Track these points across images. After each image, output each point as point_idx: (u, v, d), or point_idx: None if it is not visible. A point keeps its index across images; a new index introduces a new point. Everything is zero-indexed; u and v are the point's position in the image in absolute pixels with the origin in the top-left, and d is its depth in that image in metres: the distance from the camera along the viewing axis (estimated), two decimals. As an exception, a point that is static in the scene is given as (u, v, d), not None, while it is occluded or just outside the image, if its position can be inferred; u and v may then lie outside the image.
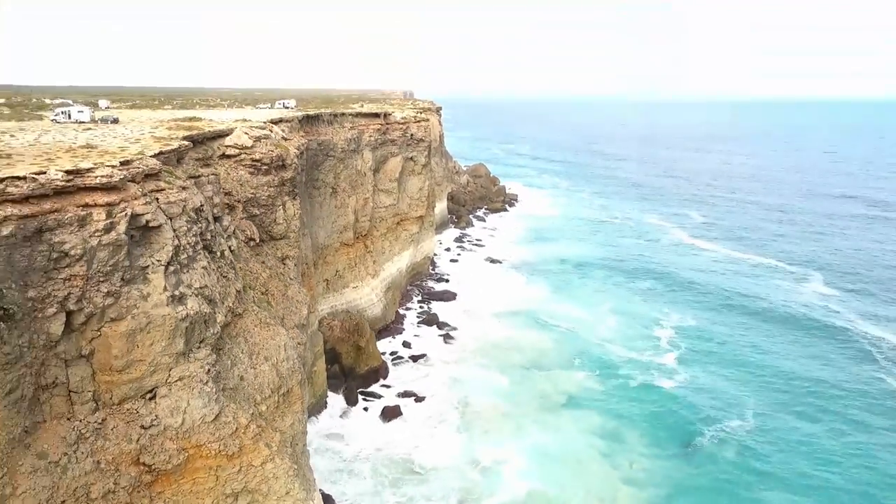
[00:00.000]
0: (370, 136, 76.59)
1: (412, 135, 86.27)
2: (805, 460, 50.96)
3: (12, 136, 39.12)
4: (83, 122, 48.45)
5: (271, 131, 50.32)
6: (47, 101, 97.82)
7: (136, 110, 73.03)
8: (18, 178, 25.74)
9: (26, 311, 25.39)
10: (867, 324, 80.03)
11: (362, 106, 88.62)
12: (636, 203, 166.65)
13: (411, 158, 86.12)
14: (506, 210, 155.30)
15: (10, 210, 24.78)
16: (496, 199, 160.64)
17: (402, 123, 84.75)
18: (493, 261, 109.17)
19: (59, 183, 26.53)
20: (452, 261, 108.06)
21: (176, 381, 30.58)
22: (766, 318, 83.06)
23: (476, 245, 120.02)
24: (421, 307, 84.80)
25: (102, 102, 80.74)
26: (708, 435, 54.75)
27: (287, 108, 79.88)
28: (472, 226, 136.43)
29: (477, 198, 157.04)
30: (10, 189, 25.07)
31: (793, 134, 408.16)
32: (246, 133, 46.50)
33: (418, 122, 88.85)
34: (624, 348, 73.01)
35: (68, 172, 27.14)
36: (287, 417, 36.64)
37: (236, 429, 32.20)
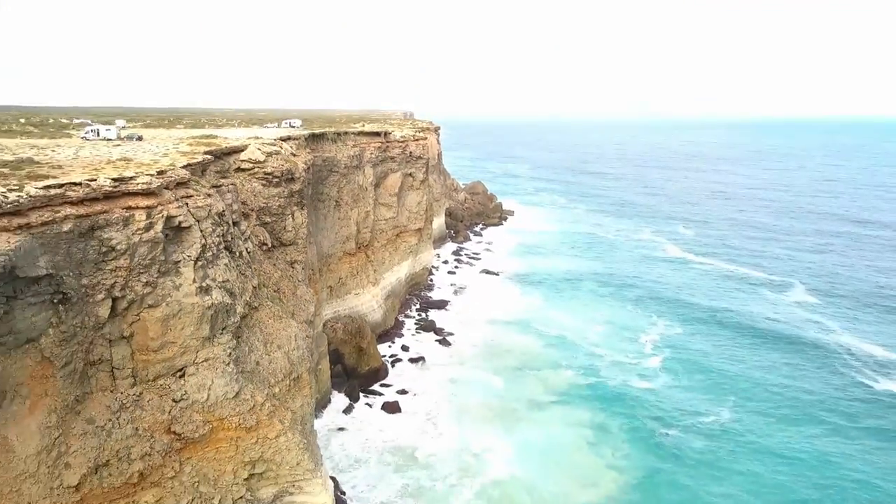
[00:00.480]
0: (371, 153, 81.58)
1: (411, 152, 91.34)
2: (771, 455, 54.84)
3: (53, 150, 43.98)
4: (110, 140, 53.38)
5: (281, 148, 55.18)
6: (63, 120, 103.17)
7: (151, 129, 78.04)
8: (75, 183, 30.46)
9: (80, 297, 29.95)
10: (844, 333, 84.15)
11: (364, 125, 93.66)
12: (629, 219, 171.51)
13: (410, 174, 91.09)
14: (502, 226, 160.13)
15: (68, 210, 29.45)
16: (493, 216, 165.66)
17: (401, 142, 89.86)
18: (489, 273, 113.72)
19: (107, 188, 31.24)
20: (450, 273, 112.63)
21: (202, 361, 35.05)
22: (747, 327, 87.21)
23: (473, 258, 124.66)
24: (419, 315, 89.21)
25: (119, 122, 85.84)
26: (684, 429, 58.81)
27: (293, 127, 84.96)
28: (470, 240, 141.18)
29: (474, 214, 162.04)
30: (68, 193, 29.74)
31: (785, 154, 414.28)
32: (259, 149, 51.38)
33: (417, 140, 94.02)
34: (610, 352, 77.25)
35: (115, 180, 31.86)
36: (297, 399, 40.99)
37: (253, 406, 36.60)
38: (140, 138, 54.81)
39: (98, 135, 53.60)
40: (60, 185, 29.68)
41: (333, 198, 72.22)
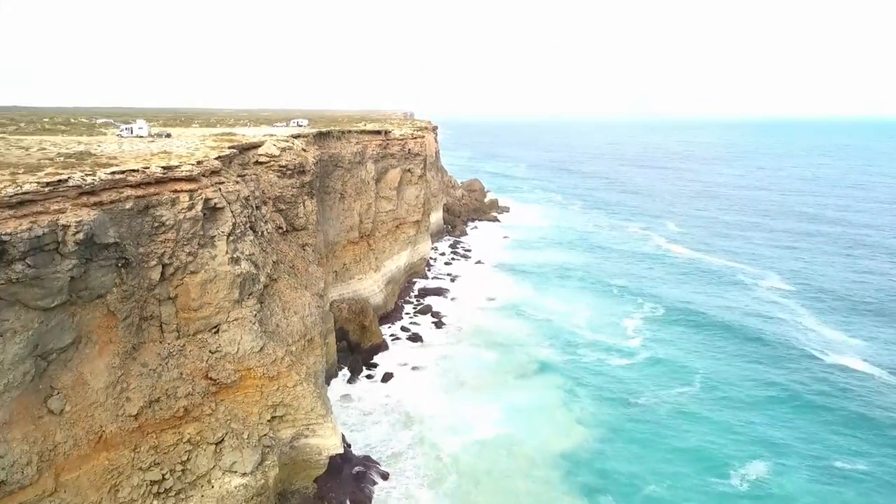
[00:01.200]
0: (373, 150, 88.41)
1: (409, 150, 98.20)
2: (730, 421, 61.44)
3: (98, 146, 50.77)
4: (143, 137, 60.22)
5: (293, 144, 62.03)
6: (83, 120, 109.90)
7: (169, 128, 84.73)
8: (133, 170, 37.33)
9: (137, 262, 36.82)
10: (810, 318, 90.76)
11: (365, 125, 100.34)
12: (621, 216, 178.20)
13: (408, 170, 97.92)
14: (498, 221, 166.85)
15: (129, 192, 36.32)
16: (489, 212, 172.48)
17: (400, 140, 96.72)
18: (483, 264, 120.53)
19: (158, 175, 38.11)
20: (447, 264, 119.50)
21: (233, 320, 41.90)
22: (723, 312, 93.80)
23: (469, 251, 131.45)
24: (417, 301, 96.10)
25: (139, 121, 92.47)
26: (651, 398, 65.57)
27: (300, 126, 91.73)
28: (466, 234, 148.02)
29: (471, 210, 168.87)
30: (128, 178, 36.62)
31: (780, 154, 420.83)
32: (274, 145, 58.23)
33: (415, 138, 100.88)
34: (592, 333, 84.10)
35: (164, 168, 38.73)
36: (311, 357, 47.86)
37: (275, 359, 43.45)
38: (169, 135, 61.68)
39: (132, 132, 60.45)
40: (122, 172, 36.56)
41: (338, 190, 79.05)
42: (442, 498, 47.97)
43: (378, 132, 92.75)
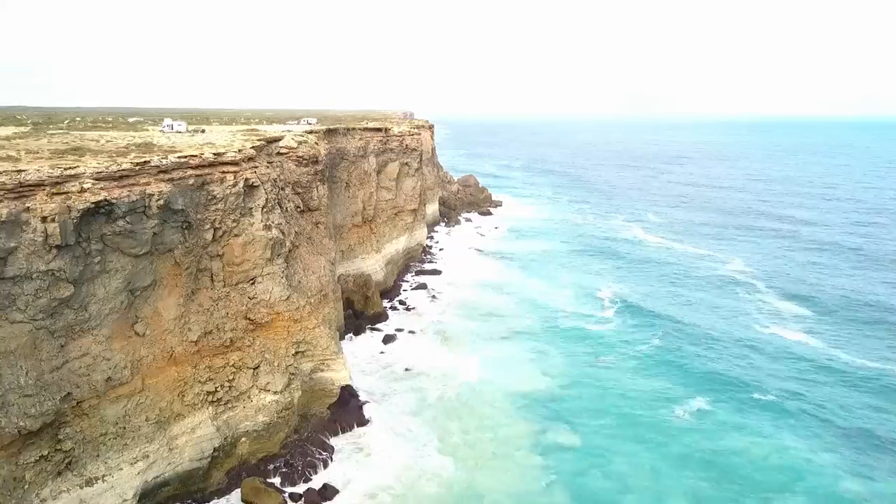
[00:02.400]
0: (374, 145, 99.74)
1: (407, 145, 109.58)
2: (687, 371, 72.76)
3: (152, 138, 62.10)
4: (181, 132, 71.60)
5: (307, 139, 73.36)
6: (108, 119, 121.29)
7: (193, 125, 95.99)
8: (193, 156, 48.76)
9: (196, 226, 48.20)
10: (767, 293, 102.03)
11: (367, 123, 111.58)
12: (607, 209, 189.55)
13: (406, 163, 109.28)
14: (491, 214, 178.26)
15: (190, 172, 47.70)
16: (483, 205, 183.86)
17: (399, 136, 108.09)
18: (475, 250, 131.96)
19: (210, 159, 49.52)
20: (441, 250, 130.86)
21: (266, 274, 53.26)
22: (692, 290, 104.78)
23: (462, 239, 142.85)
24: (414, 280, 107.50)
25: (167, 120, 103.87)
26: (616, 356, 76.92)
27: (311, 124, 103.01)
28: (460, 224, 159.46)
29: (466, 203, 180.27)
30: (190, 161, 48.04)
31: (771, 153, 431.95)
32: (293, 139, 69.57)
33: (412, 135, 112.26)
34: (569, 305, 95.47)
35: (215, 154, 50.14)
36: (326, 308, 59.28)
37: (298, 307, 54.88)
38: (203, 131, 73.06)
39: (172, 128, 71.85)
40: (185, 156, 48.00)
41: (344, 180, 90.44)
42: (422, 423, 59.27)
43: (379, 129, 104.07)
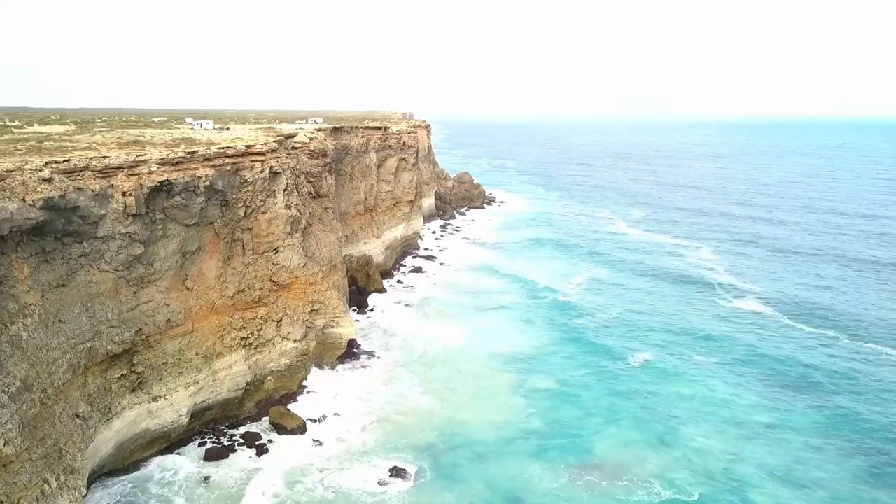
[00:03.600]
0: (375, 142, 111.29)
1: (404, 142, 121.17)
2: (641, 333, 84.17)
3: (189, 134, 73.56)
4: (208, 129, 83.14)
5: (317, 135, 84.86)
6: (130, 118, 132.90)
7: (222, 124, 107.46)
8: (228, 147, 60.33)
9: (231, 203, 59.76)
10: (725, 275, 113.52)
11: (368, 122, 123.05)
12: (594, 204, 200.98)
13: (403, 159, 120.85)
14: (484, 208, 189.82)
15: (227, 160, 59.29)
16: (477, 200, 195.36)
17: (397, 134, 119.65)
18: (467, 240, 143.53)
19: (242, 150, 61.12)
20: (437, 239, 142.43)
21: (287, 246, 64.74)
22: (656, 271, 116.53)
23: (456, 230, 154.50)
24: (411, 264, 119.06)
25: (188, 119, 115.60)
26: (586, 323, 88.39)
27: (318, 123, 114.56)
28: (455, 218, 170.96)
29: (461, 198, 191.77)
30: (227, 152, 59.62)
31: (761, 153, 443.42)
32: (305, 136, 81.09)
33: (409, 133, 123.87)
34: (548, 284, 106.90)
35: (246, 146, 61.73)
36: (335, 276, 70.85)
37: (313, 273, 66.43)
38: (228, 128, 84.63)
39: (201, 126, 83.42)
40: (223, 148, 59.61)
41: (348, 173, 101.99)
42: (409, 372, 70.74)
43: (379, 128, 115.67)
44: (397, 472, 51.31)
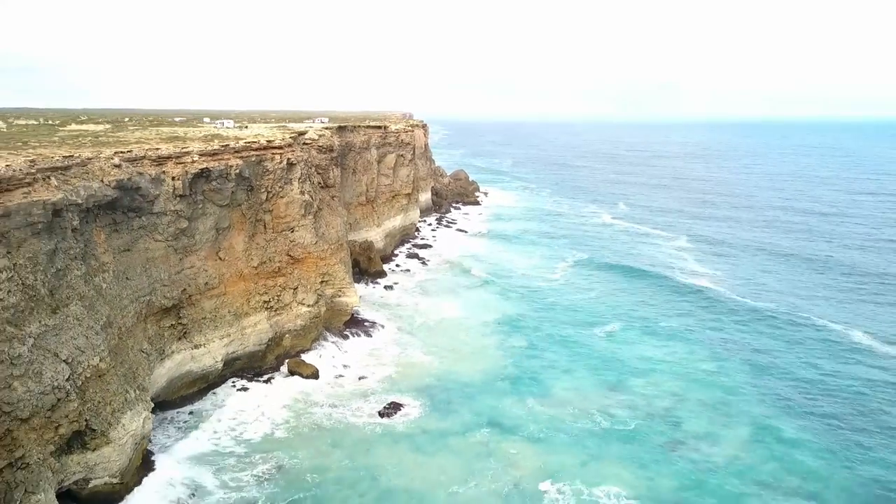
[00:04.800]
0: (375, 139, 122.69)
1: (402, 140, 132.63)
2: (610, 308, 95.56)
3: (214, 131, 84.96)
4: (230, 128, 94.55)
5: (325, 133, 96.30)
6: (150, 118, 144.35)
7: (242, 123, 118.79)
8: (252, 141, 71.80)
9: (255, 189, 71.24)
10: (693, 263, 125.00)
11: (369, 122, 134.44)
12: (582, 199, 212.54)
13: (401, 155, 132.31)
14: (478, 203, 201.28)
15: (253, 152, 70.75)
16: (471, 196, 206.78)
17: (395, 132, 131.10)
18: (462, 231, 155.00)
19: (264, 144, 72.65)
20: (432, 230, 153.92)
21: (301, 226, 76.14)
22: (632, 258, 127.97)
23: (451, 223, 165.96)
24: (408, 251, 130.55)
25: (205, 119, 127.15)
26: (563, 299, 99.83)
27: (324, 122, 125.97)
28: (450, 212, 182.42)
29: (456, 194, 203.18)
30: (252, 145, 71.11)
31: (750, 153, 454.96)
32: (315, 133, 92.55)
33: (406, 132, 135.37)
34: (531, 269, 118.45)
35: (267, 141, 73.22)
36: (341, 253, 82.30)
37: (323, 249, 77.90)
38: (246, 126, 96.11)
39: (223, 125, 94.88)
40: (249, 142, 71.12)
41: (351, 167, 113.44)
42: (409, 335, 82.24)
43: (379, 127, 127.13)
44: (401, 405, 62.85)
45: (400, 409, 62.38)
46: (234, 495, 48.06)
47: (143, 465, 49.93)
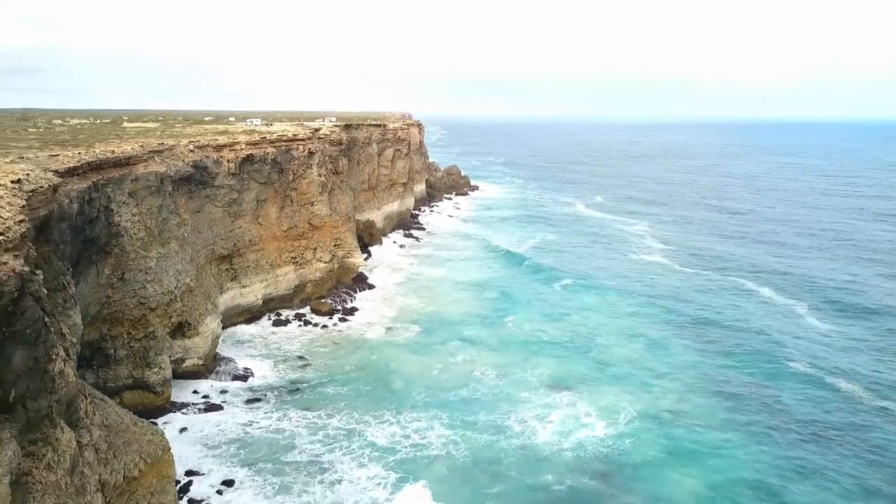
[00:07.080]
0: (375, 136, 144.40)
1: (399, 137, 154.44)
2: (569, 269, 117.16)
3: (249, 128, 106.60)
4: (258, 126, 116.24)
5: (335, 129, 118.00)
6: (178, 118, 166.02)
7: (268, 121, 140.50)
8: (282, 135, 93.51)
9: (284, 171, 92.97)
10: (652, 240, 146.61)
11: (369, 121, 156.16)
12: (564, 192, 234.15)
13: (399, 150, 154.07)
14: (468, 195, 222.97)
15: (284, 143, 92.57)
16: (463, 188, 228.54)
17: (393, 130, 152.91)
18: (452, 217, 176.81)
19: (291, 137, 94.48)
20: (425, 216, 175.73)
21: (319, 201, 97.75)
22: (596, 236, 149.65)
23: (443, 210, 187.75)
24: (404, 232, 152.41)
25: (231, 118, 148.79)
26: (529, 263, 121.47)
27: (332, 121, 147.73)
28: (442, 202, 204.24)
29: (449, 186, 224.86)
30: (281, 138, 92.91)
31: (741, 152, 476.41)
32: (327, 129, 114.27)
33: (403, 129, 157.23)
34: (509, 245, 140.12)
35: (293, 135, 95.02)
36: (349, 224, 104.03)
37: (335, 220, 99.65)
38: (270, 124, 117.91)
39: (254, 123, 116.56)
40: (281, 134, 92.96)
41: (356, 158, 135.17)
42: (405, 290, 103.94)
43: (379, 125, 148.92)
44: (399, 328, 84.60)
45: (399, 329, 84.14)
46: (283, 376, 69.87)
47: (215, 358, 71.61)
